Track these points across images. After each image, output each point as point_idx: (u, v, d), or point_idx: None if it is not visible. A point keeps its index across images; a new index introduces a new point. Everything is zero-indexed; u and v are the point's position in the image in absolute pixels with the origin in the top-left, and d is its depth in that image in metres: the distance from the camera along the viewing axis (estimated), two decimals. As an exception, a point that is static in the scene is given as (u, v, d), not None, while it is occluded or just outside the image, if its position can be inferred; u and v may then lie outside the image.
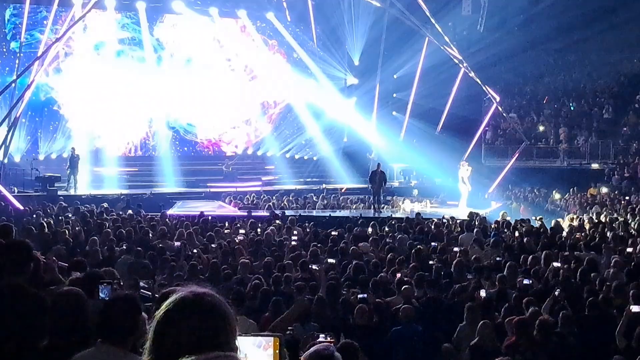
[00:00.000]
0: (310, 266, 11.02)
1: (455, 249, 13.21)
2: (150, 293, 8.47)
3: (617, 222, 17.63)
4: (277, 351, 2.59)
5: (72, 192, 24.73)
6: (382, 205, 22.95)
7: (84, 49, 28.81)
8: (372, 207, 23.08)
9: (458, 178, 25.14)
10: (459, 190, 25.13)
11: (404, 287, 9.45)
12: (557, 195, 28.04)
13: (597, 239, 14.75)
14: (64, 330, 3.93)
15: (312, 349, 3.21)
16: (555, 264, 11.00)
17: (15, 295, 4.11)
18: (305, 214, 21.29)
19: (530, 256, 12.18)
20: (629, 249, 13.13)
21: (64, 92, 28.60)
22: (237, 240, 14.00)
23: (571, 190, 27.81)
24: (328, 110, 33.31)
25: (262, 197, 25.83)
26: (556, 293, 9.20)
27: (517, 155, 30.60)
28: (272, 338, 2.63)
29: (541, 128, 34.18)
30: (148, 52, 30.43)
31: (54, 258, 7.76)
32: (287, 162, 33.41)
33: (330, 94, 33.66)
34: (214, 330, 2.13)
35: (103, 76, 28.86)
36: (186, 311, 2.14)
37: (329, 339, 4.67)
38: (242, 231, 15.27)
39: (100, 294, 4.56)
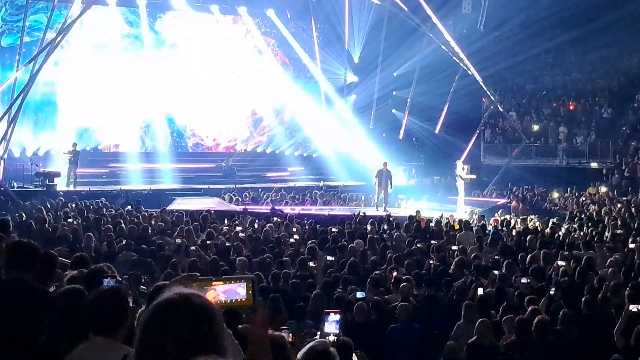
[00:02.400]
0: (307, 263, 11.06)
1: (454, 247, 13.24)
2: (145, 288, 8.53)
3: (615, 222, 17.64)
4: (250, 292, 2.69)
5: (71, 187, 24.73)
6: (383, 205, 22.74)
7: (83, 44, 28.72)
8: (376, 205, 22.80)
9: (455, 177, 25.25)
10: (456, 188, 25.21)
11: (402, 285, 9.47)
12: (556, 194, 28.06)
13: (595, 238, 14.78)
14: (65, 328, 3.96)
15: (307, 345, 3.25)
16: (560, 263, 11.04)
17: (19, 290, 4.17)
18: (305, 212, 21.29)
19: (529, 255, 12.22)
20: (632, 245, 13.15)
21: (64, 88, 28.57)
22: (240, 237, 14.01)
23: (569, 189, 27.84)
24: (326, 109, 33.35)
25: (260, 193, 25.85)
26: (552, 292, 9.24)
27: (515, 153, 30.61)
28: (244, 282, 2.72)
29: (535, 127, 34.18)
30: (148, 49, 30.38)
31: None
32: (286, 159, 33.44)
33: (329, 91, 33.71)
34: (201, 331, 2.12)
35: (102, 72, 28.84)
36: (172, 312, 2.12)
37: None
38: (239, 228, 15.25)
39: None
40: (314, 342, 3.26)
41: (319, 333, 5.55)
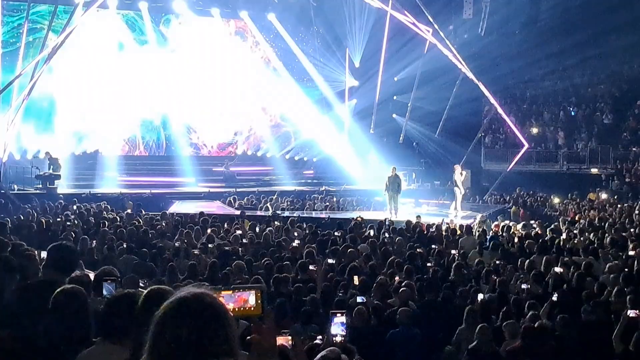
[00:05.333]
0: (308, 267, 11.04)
1: (454, 251, 13.22)
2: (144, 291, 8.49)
3: (615, 227, 17.63)
4: (259, 301, 2.71)
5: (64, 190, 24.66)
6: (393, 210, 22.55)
7: (84, 47, 28.71)
8: (390, 210, 22.58)
9: (453, 181, 25.22)
10: (454, 193, 25.21)
11: (402, 289, 9.46)
12: (556, 200, 28.05)
13: (595, 243, 14.77)
14: (64, 329, 3.95)
15: (319, 355, 3.26)
16: (557, 269, 11.02)
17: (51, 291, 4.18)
18: (305, 215, 21.28)
19: (527, 260, 12.20)
20: (631, 252, 13.12)
21: (65, 91, 28.57)
22: (240, 241, 13.98)
23: (570, 195, 27.82)
24: (328, 113, 33.40)
25: (261, 198, 25.83)
26: (554, 298, 9.22)
27: (517, 158, 30.61)
28: (253, 290, 2.74)
29: (534, 130, 34.19)
30: (150, 53, 30.43)
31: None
32: (286, 163, 33.44)
33: (329, 96, 33.78)
34: (213, 330, 2.14)
35: (103, 75, 28.89)
36: (185, 312, 2.14)
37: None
38: (239, 232, 15.23)
39: (104, 292, 4.60)
40: (325, 351, 3.27)
41: (318, 337, 5.54)
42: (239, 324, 2.84)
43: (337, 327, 4.70)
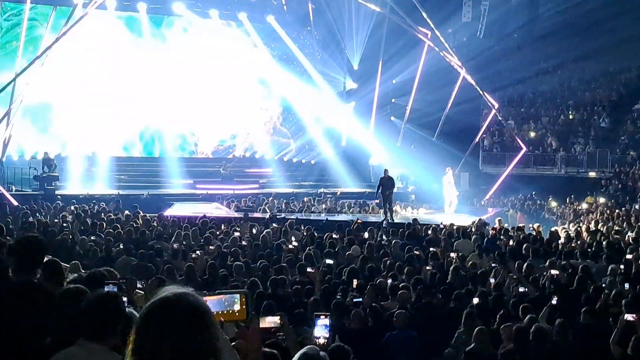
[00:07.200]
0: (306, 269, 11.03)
1: (452, 254, 13.22)
2: (142, 292, 8.51)
3: (613, 231, 17.65)
4: (244, 306, 2.68)
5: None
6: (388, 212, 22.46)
7: (82, 49, 28.71)
8: (385, 213, 22.45)
9: (444, 184, 25.23)
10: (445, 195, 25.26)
11: (400, 292, 9.46)
12: (553, 204, 28.05)
13: (593, 247, 14.78)
14: (68, 329, 3.93)
15: (299, 352, 3.29)
16: (553, 271, 11.03)
17: (26, 292, 4.14)
18: (303, 218, 21.28)
19: (525, 263, 12.20)
20: (629, 256, 13.13)
21: (63, 92, 28.56)
22: (238, 242, 13.97)
23: (568, 198, 27.83)
24: (326, 115, 33.40)
25: (259, 199, 25.82)
26: (554, 302, 9.21)
27: (514, 161, 30.62)
28: (237, 295, 2.73)
29: (532, 134, 34.22)
30: (147, 54, 30.43)
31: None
32: (284, 165, 33.43)
33: (329, 98, 33.76)
34: (197, 330, 2.13)
35: (101, 77, 28.88)
36: (168, 311, 2.13)
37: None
38: (237, 234, 15.22)
39: None
40: (305, 349, 3.30)
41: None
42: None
43: (321, 329, 4.68)
